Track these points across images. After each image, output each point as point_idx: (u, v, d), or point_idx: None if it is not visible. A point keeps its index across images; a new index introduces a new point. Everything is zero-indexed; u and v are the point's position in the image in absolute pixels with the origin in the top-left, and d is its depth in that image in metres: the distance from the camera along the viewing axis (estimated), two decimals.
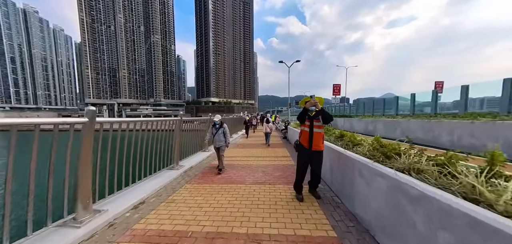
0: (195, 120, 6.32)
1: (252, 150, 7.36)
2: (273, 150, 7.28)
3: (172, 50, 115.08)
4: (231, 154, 6.51)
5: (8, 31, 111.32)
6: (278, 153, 6.65)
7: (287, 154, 6.47)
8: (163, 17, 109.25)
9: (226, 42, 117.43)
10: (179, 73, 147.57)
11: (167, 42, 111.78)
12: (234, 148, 7.67)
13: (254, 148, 7.80)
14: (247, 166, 4.99)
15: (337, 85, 24.36)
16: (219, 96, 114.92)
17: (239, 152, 7.02)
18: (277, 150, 7.18)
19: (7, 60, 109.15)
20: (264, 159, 5.69)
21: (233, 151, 7.12)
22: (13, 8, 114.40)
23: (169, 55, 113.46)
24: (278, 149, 7.50)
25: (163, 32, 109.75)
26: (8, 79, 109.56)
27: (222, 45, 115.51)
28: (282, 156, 6.23)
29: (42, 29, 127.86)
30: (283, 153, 6.75)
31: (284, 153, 6.66)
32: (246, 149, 7.50)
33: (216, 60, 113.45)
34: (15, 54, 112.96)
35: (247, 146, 8.25)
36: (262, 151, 7.11)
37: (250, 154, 6.59)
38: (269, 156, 6.21)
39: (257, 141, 9.78)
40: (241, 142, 9.65)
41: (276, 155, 6.30)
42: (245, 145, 8.68)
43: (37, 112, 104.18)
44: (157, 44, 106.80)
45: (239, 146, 8.38)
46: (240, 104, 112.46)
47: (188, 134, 5.36)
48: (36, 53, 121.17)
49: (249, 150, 7.27)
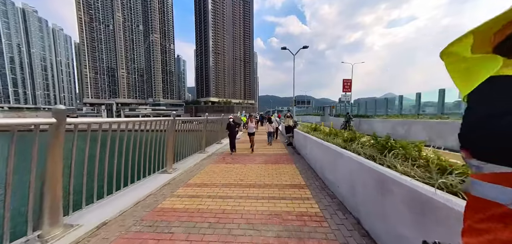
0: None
1: (243, 169, 4.45)
2: (276, 168, 4.59)
3: (171, 49, 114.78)
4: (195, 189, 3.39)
5: (7, 30, 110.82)
6: (284, 176, 3.94)
7: (301, 182, 3.59)
8: (162, 16, 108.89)
9: (225, 41, 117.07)
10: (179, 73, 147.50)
11: (166, 42, 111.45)
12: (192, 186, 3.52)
13: (245, 163, 4.94)
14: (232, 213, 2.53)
15: (347, 80, 20.19)
16: (219, 96, 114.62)
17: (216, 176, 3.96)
18: (281, 170, 4.36)
19: (5, 60, 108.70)
20: (263, 192, 3.15)
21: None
22: (12, 7, 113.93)
23: (168, 55, 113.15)
24: (284, 166, 4.75)
25: (162, 31, 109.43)
26: (7, 79, 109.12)
27: (221, 45, 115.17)
28: (291, 184, 3.51)
29: (41, 29, 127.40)
30: (293, 176, 3.98)
31: (294, 178, 3.86)
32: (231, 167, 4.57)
33: (215, 60, 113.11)
34: (14, 54, 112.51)
35: (236, 161, 5.33)
36: (258, 170, 4.44)
37: (238, 178, 3.86)
38: (270, 185, 3.47)
39: (252, 158, 5.75)
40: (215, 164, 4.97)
41: (281, 183, 3.57)
42: (233, 159, 5.50)
43: (36, 112, 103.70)
44: (156, 44, 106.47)
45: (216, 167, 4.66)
46: (240, 104, 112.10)
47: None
48: (35, 52, 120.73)
49: (238, 169, 4.49)
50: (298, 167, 4.68)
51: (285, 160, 5.47)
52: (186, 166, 4.57)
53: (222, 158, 5.75)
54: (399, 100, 11.96)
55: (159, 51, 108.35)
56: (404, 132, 8.73)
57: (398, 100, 12.17)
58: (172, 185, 3.51)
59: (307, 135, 5.29)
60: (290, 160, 5.40)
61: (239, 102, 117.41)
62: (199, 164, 4.97)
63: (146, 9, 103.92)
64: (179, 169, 4.29)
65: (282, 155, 6.08)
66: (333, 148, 3.24)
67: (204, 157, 5.60)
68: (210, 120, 7.29)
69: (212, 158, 5.63)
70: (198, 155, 5.80)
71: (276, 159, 5.60)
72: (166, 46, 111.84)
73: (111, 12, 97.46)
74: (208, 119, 6.50)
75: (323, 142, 3.90)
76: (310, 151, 4.82)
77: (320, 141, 4.06)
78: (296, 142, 7.23)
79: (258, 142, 8.34)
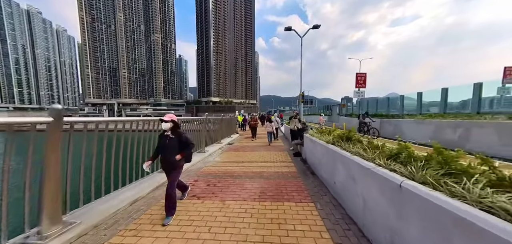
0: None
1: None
2: (277, 215, 2.44)
3: (173, 49, 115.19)
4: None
5: (12, 32, 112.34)
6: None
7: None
8: (163, 15, 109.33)
9: (227, 41, 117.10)
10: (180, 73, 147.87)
11: (167, 41, 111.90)
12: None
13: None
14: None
15: (362, 75, 17.04)
16: (220, 96, 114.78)
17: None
18: (289, 221, 2.31)
19: (11, 61, 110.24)
20: None
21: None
22: (17, 9, 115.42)
23: (169, 54, 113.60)
24: (292, 207, 2.66)
25: (163, 31, 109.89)
26: (12, 79, 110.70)
27: (223, 45, 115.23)
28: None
29: (45, 30, 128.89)
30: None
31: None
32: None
33: (216, 60, 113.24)
34: (18, 55, 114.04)
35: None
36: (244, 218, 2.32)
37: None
38: None
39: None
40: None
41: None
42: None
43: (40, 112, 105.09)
44: (157, 43, 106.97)
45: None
46: (241, 103, 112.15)
47: None
48: (39, 53, 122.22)
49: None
50: (322, 212, 2.48)
51: (294, 189, 3.27)
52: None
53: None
54: (418, 98, 9.80)
55: (160, 51, 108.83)
56: (457, 138, 6.15)
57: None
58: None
59: (336, 151, 2.89)
60: (302, 189, 3.23)
61: (241, 102, 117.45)
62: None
63: (147, 9, 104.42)
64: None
65: (287, 178, 3.85)
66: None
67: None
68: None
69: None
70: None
71: (278, 187, 3.33)
72: (167, 46, 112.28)
73: (113, 12, 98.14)
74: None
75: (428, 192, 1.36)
76: (351, 184, 2.38)
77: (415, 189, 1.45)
78: (308, 153, 4.99)
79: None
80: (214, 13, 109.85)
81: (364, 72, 17.21)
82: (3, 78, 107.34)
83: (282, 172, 4.27)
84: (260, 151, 6.95)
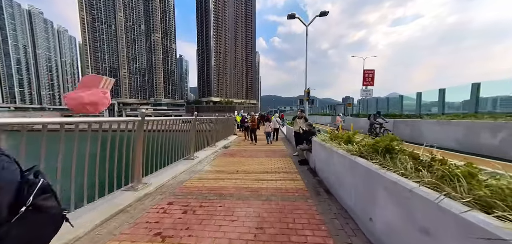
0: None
1: None
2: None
3: (173, 49, 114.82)
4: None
5: (14, 32, 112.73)
6: None
7: None
8: (164, 15, 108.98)
9: (227, 41, 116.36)
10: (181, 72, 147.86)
11: (167, 41, 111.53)
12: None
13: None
14: None
15: (369, 71, 15.73)
16: (220, 96, 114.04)
17: None
18: None
19: (12, 61, 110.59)
20: None
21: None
22: (18, 9, 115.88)
23: (170, 54, 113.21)
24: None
25: (163, 31, 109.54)
26: (14, 80, 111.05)
27: (223, 44, 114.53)
28: None
29: (47, 30, 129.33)
30: None
31: None
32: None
33: (217, 60, 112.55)
34: (20, 55, 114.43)
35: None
36: None
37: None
38: None
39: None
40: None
41: None
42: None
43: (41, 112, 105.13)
44: (157, 43, 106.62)
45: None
46: (242, 103, 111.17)
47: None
48: (40, 53, 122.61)
49: None
50: None
51: (305, 220, 2.22)
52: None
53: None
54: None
55: (160, 50, 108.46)
56: (498, 143, 4.97)
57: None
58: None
59: (377, 173, 1.75)
60: (316, 222, 2.19)
61: (241, 102, 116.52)
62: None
63: (147, 9, 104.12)
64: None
65: (294, 199, 2.79)
66: None
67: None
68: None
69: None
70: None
71: (282, 217, 2.31)
72: (168, 45, 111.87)
73: (113, 12, 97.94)
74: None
75: None
76: (417, 236, 1.28)
77: None
78: (318, 162, 3.91)
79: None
80: (215, 13, 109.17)
81: (372, 69, 15.99)
82: (4, 78, 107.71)
83: (286, 189, 3.22)
84: (259, 157, 5.92)
